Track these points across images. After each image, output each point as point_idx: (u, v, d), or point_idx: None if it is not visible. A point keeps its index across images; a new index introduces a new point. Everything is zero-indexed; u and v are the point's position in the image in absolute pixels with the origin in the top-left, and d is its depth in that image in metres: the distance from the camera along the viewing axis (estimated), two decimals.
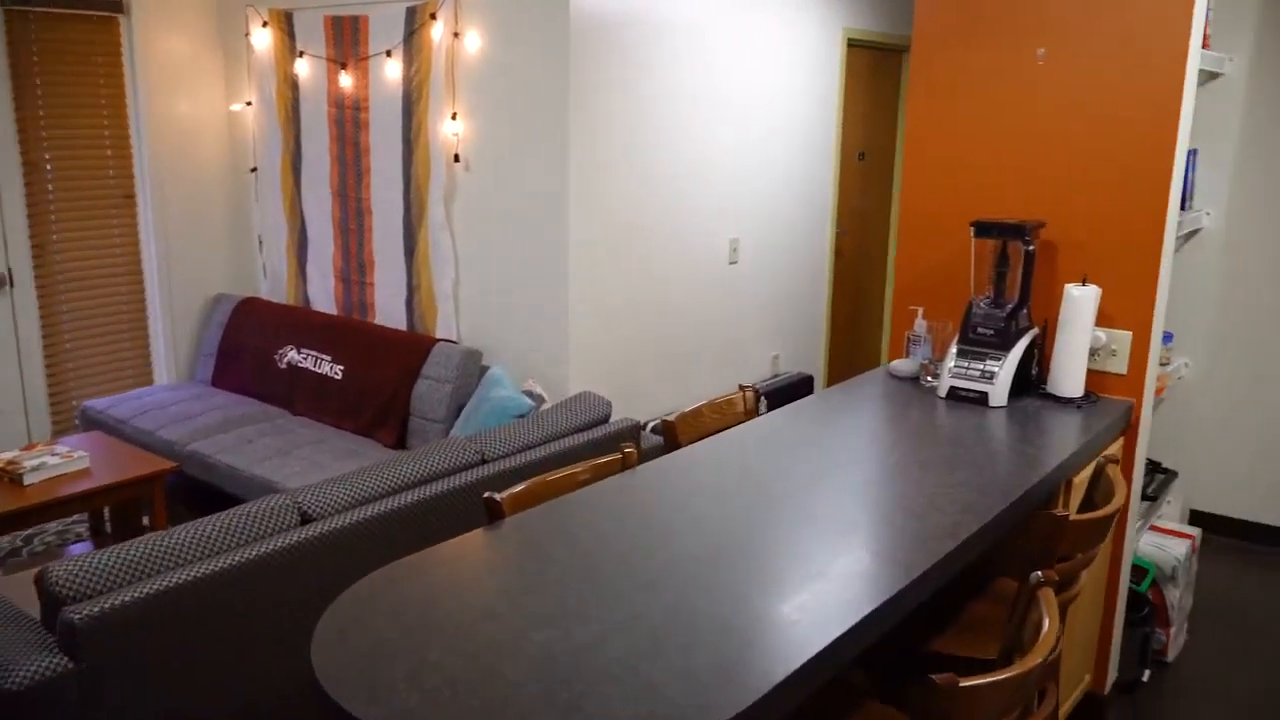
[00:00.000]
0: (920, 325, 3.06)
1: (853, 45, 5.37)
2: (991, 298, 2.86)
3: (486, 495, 2.00)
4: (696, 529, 1.94)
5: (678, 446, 2.57)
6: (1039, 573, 1.69)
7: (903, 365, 3.04)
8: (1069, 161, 2.81)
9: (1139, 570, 3.26)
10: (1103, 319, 2.79)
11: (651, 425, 4.23)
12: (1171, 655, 3.36)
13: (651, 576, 1.73)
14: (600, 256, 4.06)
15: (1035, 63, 2.83)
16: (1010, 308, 2.78)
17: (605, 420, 3.47)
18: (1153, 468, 3.64)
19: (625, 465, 2.28)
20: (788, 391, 5.04)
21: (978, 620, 2.24)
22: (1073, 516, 1.95)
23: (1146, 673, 3.25)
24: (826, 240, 5.47)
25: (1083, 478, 2.52)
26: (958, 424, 2.62)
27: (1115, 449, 2.75)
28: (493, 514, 2.00)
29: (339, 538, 2.58)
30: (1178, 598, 3.33)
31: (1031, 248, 2.74)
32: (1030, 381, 2.84)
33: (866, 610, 1.63)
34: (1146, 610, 3.21)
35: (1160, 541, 3.36)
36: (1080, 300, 2.72)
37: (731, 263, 4.76)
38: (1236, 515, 4.19)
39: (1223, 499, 4.20)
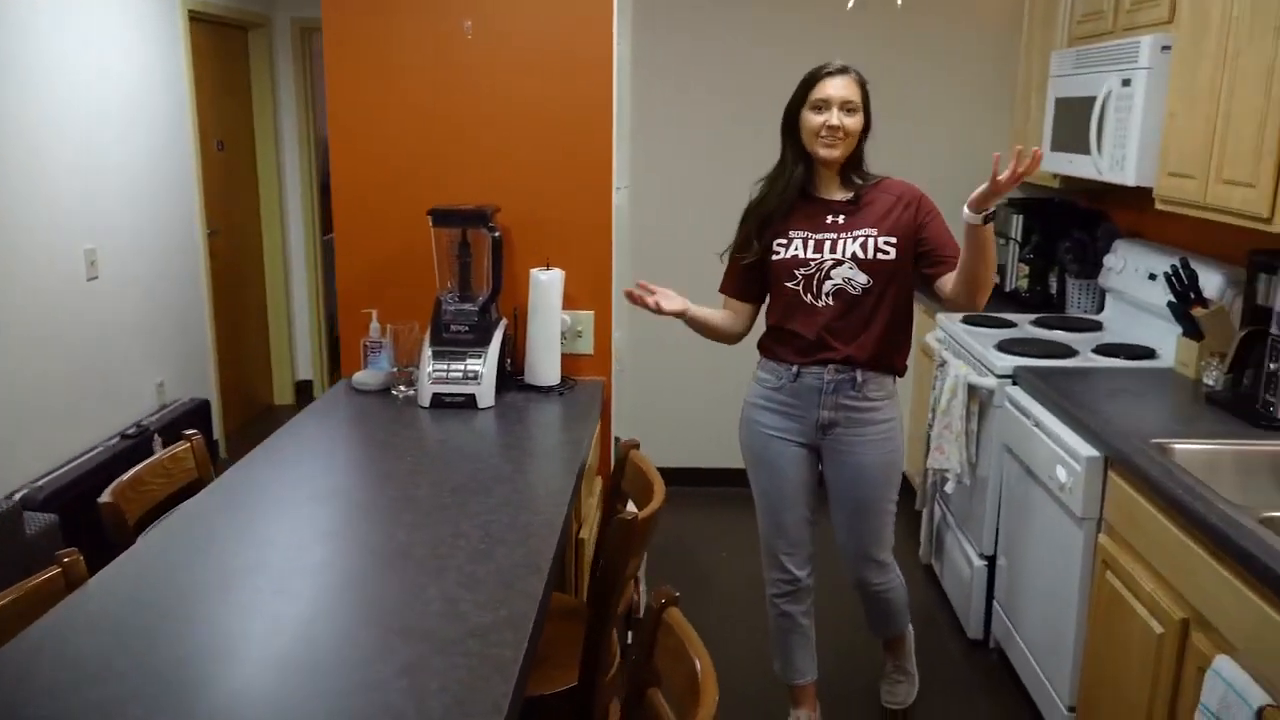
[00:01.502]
0: (376, 330, 2.72)
1: (195, 19, 4.68)
2: (458, 291, 2.64)
3: None
4: (219, 671, 1.42)
5: (129, 531, 1.93)
6: (658, 593, 1.52)
7: (367, 377, 2.68)
8: (514, 140, 2.69)
9: None
10: (565, 301, 2.73)
11: (22, 495, 3.26)
12: (642, 612, 3.53)
13: None
14: None
15: (464, 36, 2.65)
16: (483, 300, 2.59)
17: None
18: None
19: (71, 583, 1.62)
20: (183, 422, 4.30)
21: (548, 645, 2.03)
22: (641, 515, 1.83)
23: (630, 635, 3.37)
24: (198, 242, 4.75)
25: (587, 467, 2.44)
26: (458, 435, 2.37)
27: (597, 430, 2.74)
28: None
29: None
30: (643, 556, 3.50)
31: (498, 234, 2.57)
32: (507, 374, 2.69)
33: (506, 705, 1.30)
34: None
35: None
36: (548, 285, 2.63)
37: (91, 279, 3.86)
38: (672, 465, 4.55)
39: (659, 452, 4.51)
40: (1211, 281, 2.90)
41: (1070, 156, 3.36)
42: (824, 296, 2.42)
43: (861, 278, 2.41)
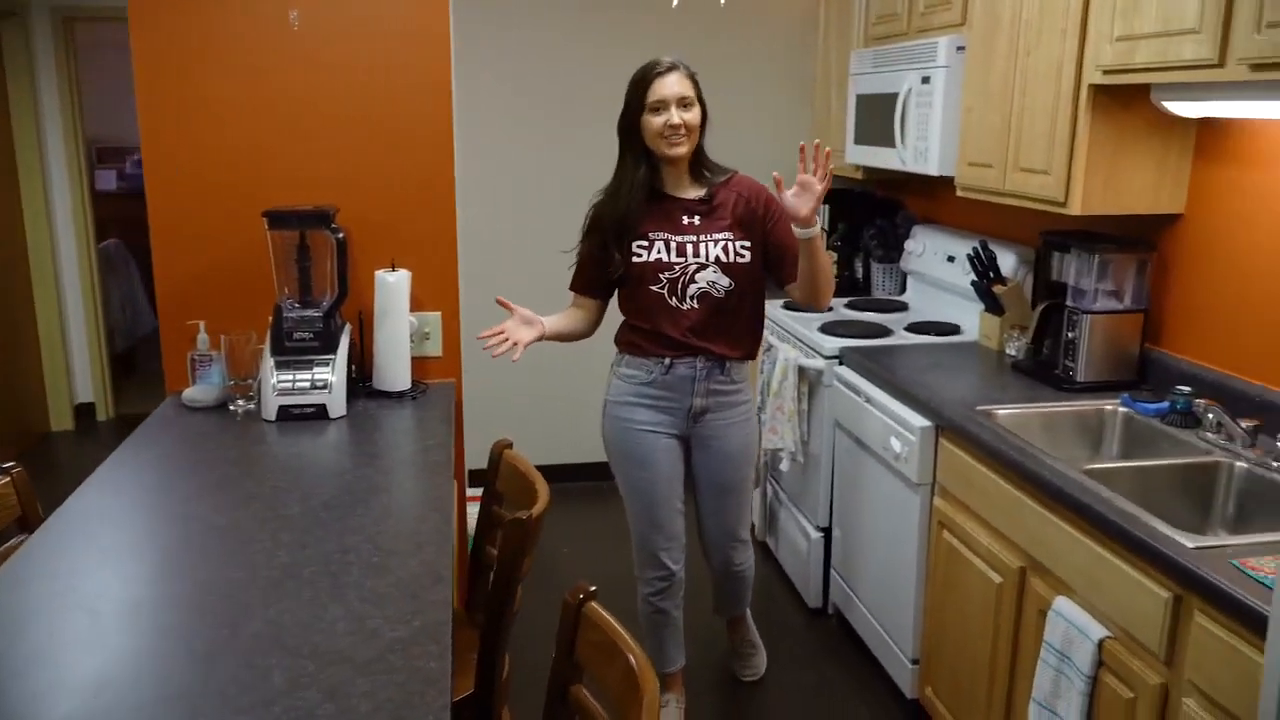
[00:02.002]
0: (205, 342, 2.55)
1: None
2: (299, 297, 2.51)
3: None
4: None
5: None
6: (575, 589, 1.52)
7: (200, 393, 2.51)
8: (350, 138, 2.59)
9: None
10: (411, 303, 2.66)
11: None
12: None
13: None
14: None
15: (290, 28, 2.52)
16: (328, 305, 2.48)
17: None
18: None
19: None
20: None
21: None
22: (534, 514, 1.82)
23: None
24: None
25: None
26: (315, 448, 2.26)
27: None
28: None
29: None
30: None
31: (341, 235, 2.46)
32: (353, 381, 2.59)
33: (447, 718, 1.27)
34: None
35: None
36: (396, 286, 2.55)
37: None
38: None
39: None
40: (1006, 261, 3.18)
41: (874, 149, 3.58)
42: (689, 300, 2.48)
43: (725, 280, 2.48)
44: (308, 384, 2.40)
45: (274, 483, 2.04)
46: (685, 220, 2.50)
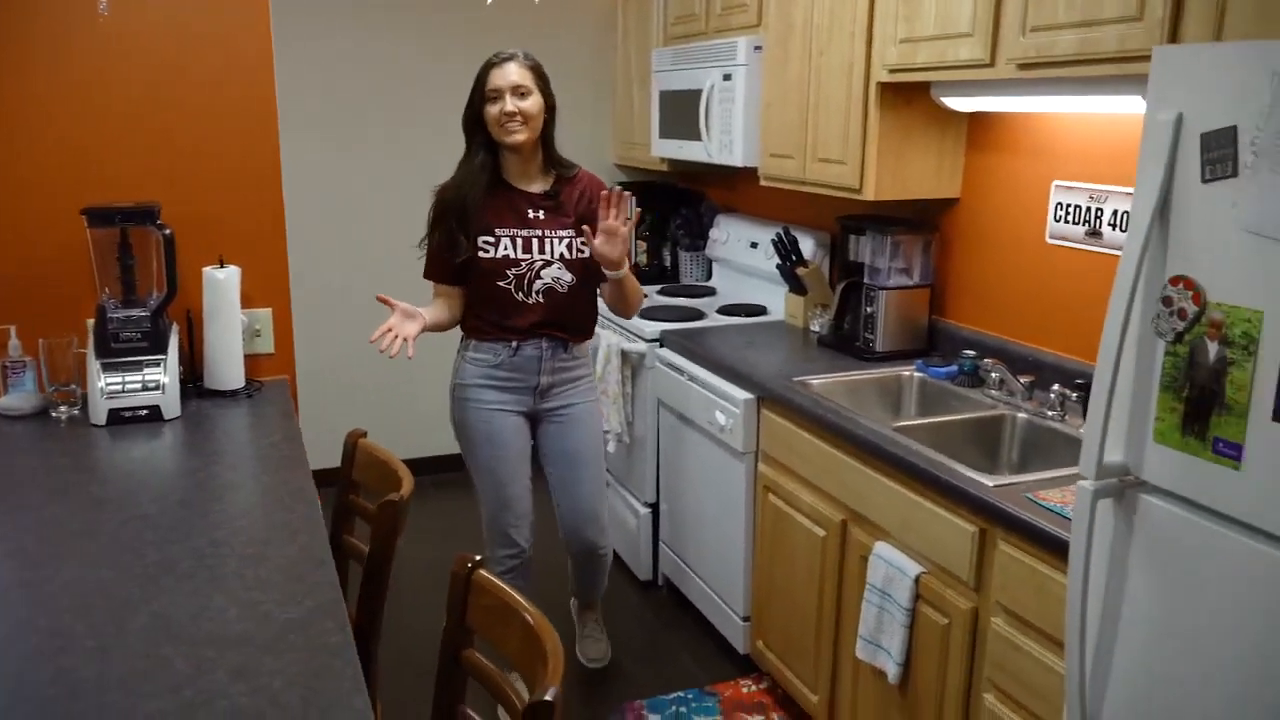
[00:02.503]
0: (17, 348, 2.41)
1: None
2: (122, 297, 2.41)
3: None
4: None
5: None
6: (461, 558, 1.58)
7: (17, 401, 2.37)
8: (170, 131, 2.50)
9: None
10: (241, 300, 2.60)
11: None
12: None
13: None
14: None
15: (99, 17, 2.41)
16: (156, 304, 2.40)
17: None
18: None
19: None
20: None
21: None
22: (404, 495, 1.86)
23: None
24: None
25: None
26: (156, 449, 2.20)
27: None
28: None
29: None
30: None
31: (169, 232, 2.38)
32: (184, 382, 2.51)
33: (364, 682, 1.32)
34: None
35: None
36: (226, 283, 2.50)
37: None
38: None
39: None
40: (806, 245, 3.46)
41: (679, 143, 3.78)
42: (534, 295, 2.57)
43: (568, 276, 2.59)
44: (139, 385, 2.32)
45: (121, 485, 1.98)
46: (530, 214, 2.59)
